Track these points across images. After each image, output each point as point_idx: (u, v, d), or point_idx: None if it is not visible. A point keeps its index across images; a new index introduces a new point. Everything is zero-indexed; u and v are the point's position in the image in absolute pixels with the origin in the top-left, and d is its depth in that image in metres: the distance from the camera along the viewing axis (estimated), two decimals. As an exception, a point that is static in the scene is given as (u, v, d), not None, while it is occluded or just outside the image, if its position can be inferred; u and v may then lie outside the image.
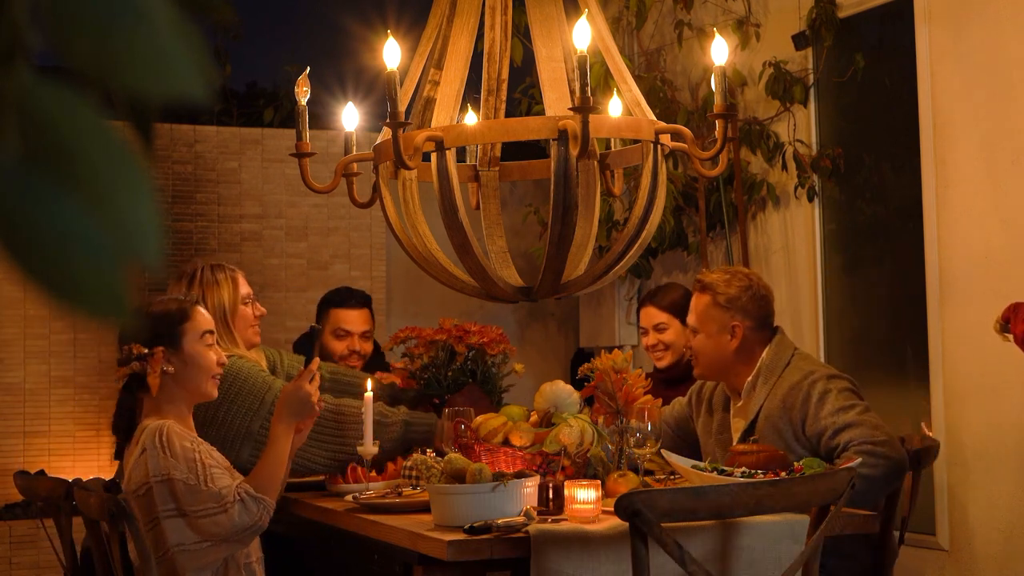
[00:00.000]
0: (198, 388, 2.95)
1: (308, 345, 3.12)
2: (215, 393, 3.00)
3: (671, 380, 4.29)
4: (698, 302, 3.46)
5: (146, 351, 2.87)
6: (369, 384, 3.45)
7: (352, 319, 4.58)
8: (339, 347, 4.53)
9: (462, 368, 3.74)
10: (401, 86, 2.91)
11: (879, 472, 3.08)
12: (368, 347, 4.60)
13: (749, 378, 3.39)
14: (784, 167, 5.25)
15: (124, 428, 2.88)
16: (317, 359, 3.12)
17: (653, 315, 4.35)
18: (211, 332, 2.98)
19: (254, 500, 2.78)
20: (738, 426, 3.41)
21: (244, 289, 3.64)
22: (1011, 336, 3.45)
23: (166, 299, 3.02)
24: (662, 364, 4.32)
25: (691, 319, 3.48)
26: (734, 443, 3.35)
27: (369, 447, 3.36)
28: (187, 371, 2.92)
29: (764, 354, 3.38)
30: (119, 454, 2.98)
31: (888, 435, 3.14)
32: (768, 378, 3.35)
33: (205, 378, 2.95)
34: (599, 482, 2.84)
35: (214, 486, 2.74)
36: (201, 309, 3.00)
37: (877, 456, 3.07)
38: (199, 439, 2.87)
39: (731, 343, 3.39)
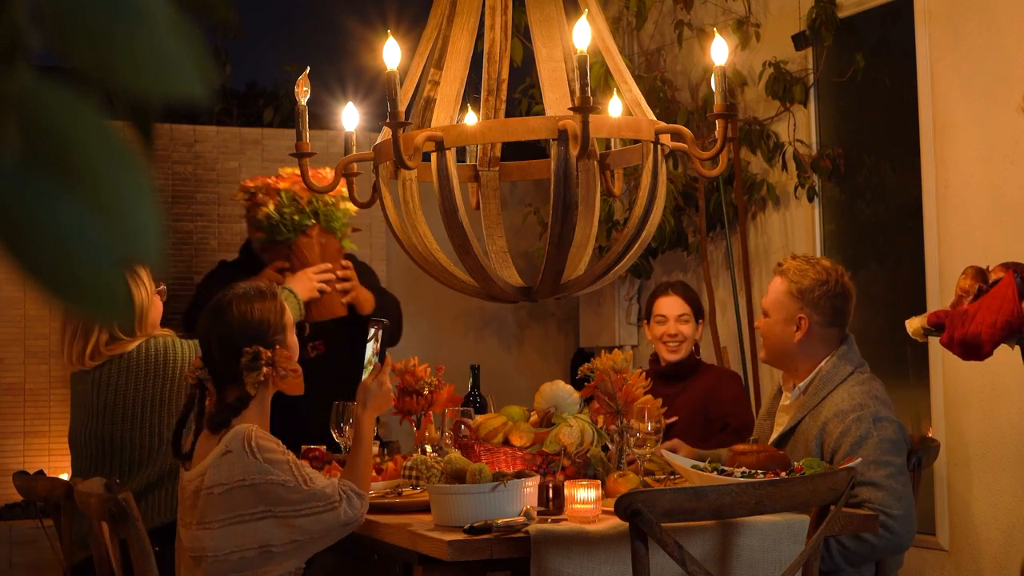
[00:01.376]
0: (295, 388, 2.94)
1: (383, 341, 3.06)
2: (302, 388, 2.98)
3: (671, 377, 4.29)
4: (774, 286, 3.41)
5: (270, 353, 2.82)
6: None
7: None
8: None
9: (303, 210, 4.18)
10: (401, 86, 2.91)
11: (881, 544, 3.08)
12: None
13: (803, 382, 3.34)
14: (784, 167, 5.25)
15: (220, 423, 2.80)
16: (389, 357, 3.06)
17: (677, 304, 4.33)
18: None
19: (357, 496, 2.80)
20: (781, 420, 3.39)
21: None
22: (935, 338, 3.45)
23: (252, 293, 2.91)
24: (675, 357, 4.30)
25: (765, 301, 3.44)
26: (772, 437, 3.34)
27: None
28: (295, 363, 2.91)
29: (824, 363, 3.31)
30: (184, 456, 2.88)
31: (906, 509, 3.09)
32: (819, 390, 3.29)
33: (301, 377, 2.95)
34: (599, 482, 2.84)
35: (315, 486, 2.74)
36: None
37: (887, 529, 3.05)
38: (276, 438, 2.85)
39: (796, 334, 3.34)
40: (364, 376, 3.03)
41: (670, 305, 4.35)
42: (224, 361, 2.84)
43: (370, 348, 3.11)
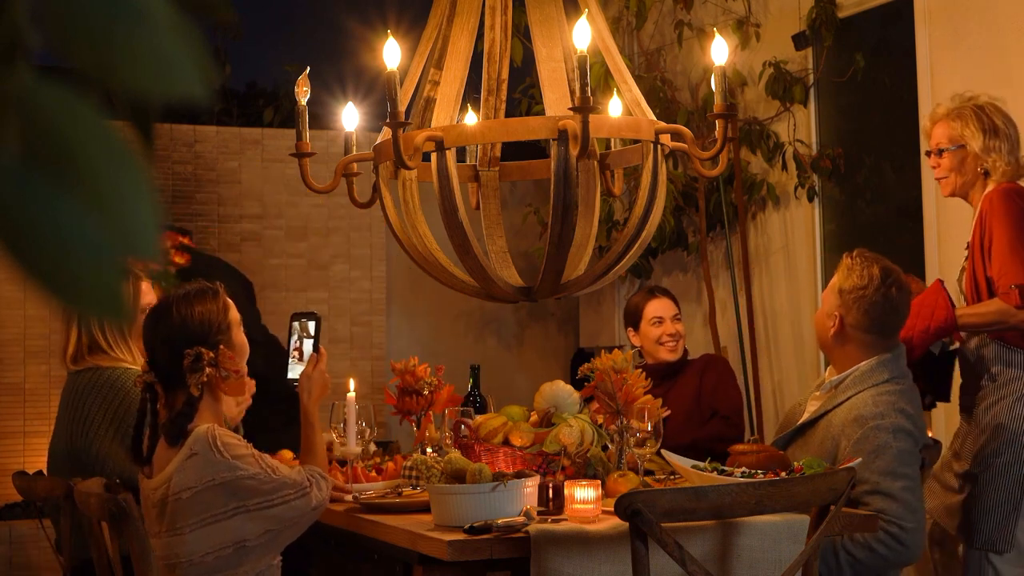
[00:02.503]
0: (239, 391, 2.96)
1: (317, 332, 3.15)
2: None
3: (663, 375, 4.29)
4: (836, 278, 3.40)
5: (212, 353, 2.82)
6: (351, 384, 3.49)
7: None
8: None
9: None
10: (401, 86, 2.91)
11: (892, 557, 3.08)
12: None
13: (838, 376, 3.34)
14: (784, 167, 5.25)
15: (177, 433, 2.79)
16: (323, 348, 3.14)
17: (669, 306, 4.39)
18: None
19: (323, 479, 2.85)
20: (811, 407, 3.39)
21: (147, 298, 3.64)
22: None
23: (192, 290, 2.92)
24: (676, 356, 4.32)
25: (824, 291, 3.46)
26: (799, 422, 3.35)
27: (352, 447, 3.38)
28: (239, 363, 2.92)
29: (864, 364, 3.30)
30: (143, 461, 2.88)
31: (919, 522, 3.10)
32: (849, 388, 3.28)
33: (243, 379, 2.96)
34: (599, 482, 2.84)
35: (283, 474, 2.77)
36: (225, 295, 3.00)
37: (899, 542, 3.06)
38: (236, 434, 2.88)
39: (831, 329, 3.35)
40: (298, 367, 3.11)
41: (664, 307, 4.39)
42: (168, 364, 2.83)
43: (295, 339, 3.17)
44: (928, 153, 3.86)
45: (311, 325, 3.18)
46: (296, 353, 3.19)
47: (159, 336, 2.86)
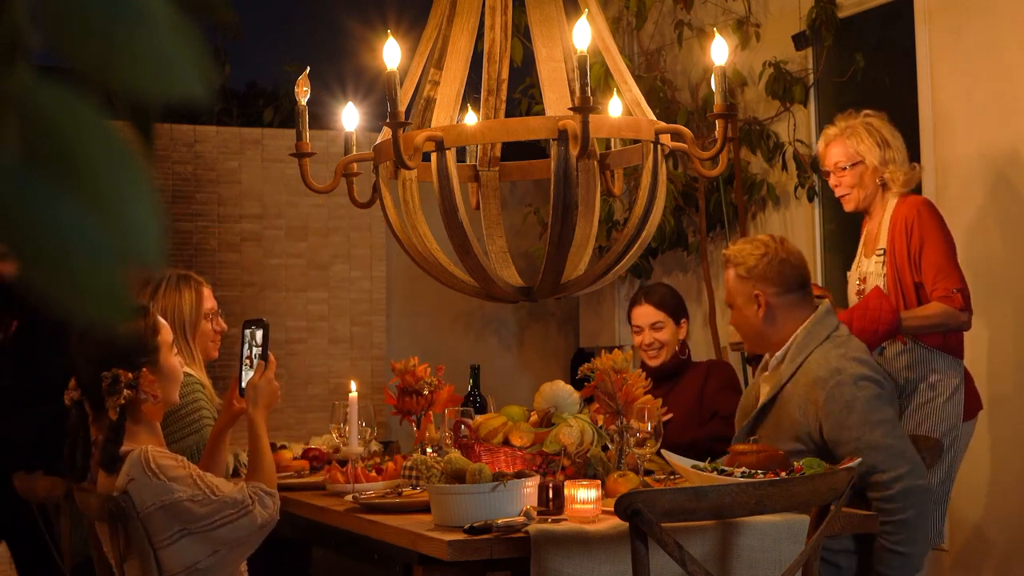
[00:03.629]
0: (170, 398, 2.87)
1: (265, 339, 3.04)
2: (178, 398, 2.93)
3: (659, 378, 4.28)
4: (726, 277, 3.42)
5: (131, 375, 2.74)
6: (354, 385, 3.49)
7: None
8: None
9: None
10: (401, 86, 2.91)
11: (915, 526, 3.08)
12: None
13: (780, 351, 3.33)
14: (784, 167, 5.25)
15: (111, 461, 2.73)
16: (272, 355, 3.04)
17: (650, 313, 4.35)
18: (174, 340, 2.91)
19: (268, 495, 2.77)
20: (764, 391, 3.39)
21: (208, 303, 3.62)
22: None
23: None
24: (655, 363, 4.30)
25: (725, 296, 3.45)
26: (758, 405, 3.35)
27: (354, 447, 3.38)
28: (164, 386, 2.83)
29: (799, 330, 3.30)
30: (79, 476, 2.83)
31: (912, 462, 3.09)
32: (795, 357, 3.28)
33: (176, 387, 2.88)
34: (599, 482, 2.84)
35: (223, 493, 2.70)
36: (159, 316, 2.92)
37: (905, 494, 3.06)
38: (175, 454, 2.81)
39: (758, 312, 3.33)
40: (249, 376, 3.00)
41: (643, 315, 4.36)
42: (91, 384, 2.76)
43: (247, 347, 3.06)
44: (827, 173, 3.99)
45: (259, 333, 3.05)
46: (247, 362, 3.06)
47: (82, 354, 2.79)
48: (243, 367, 3.05)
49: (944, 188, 4.46)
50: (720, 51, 2.97)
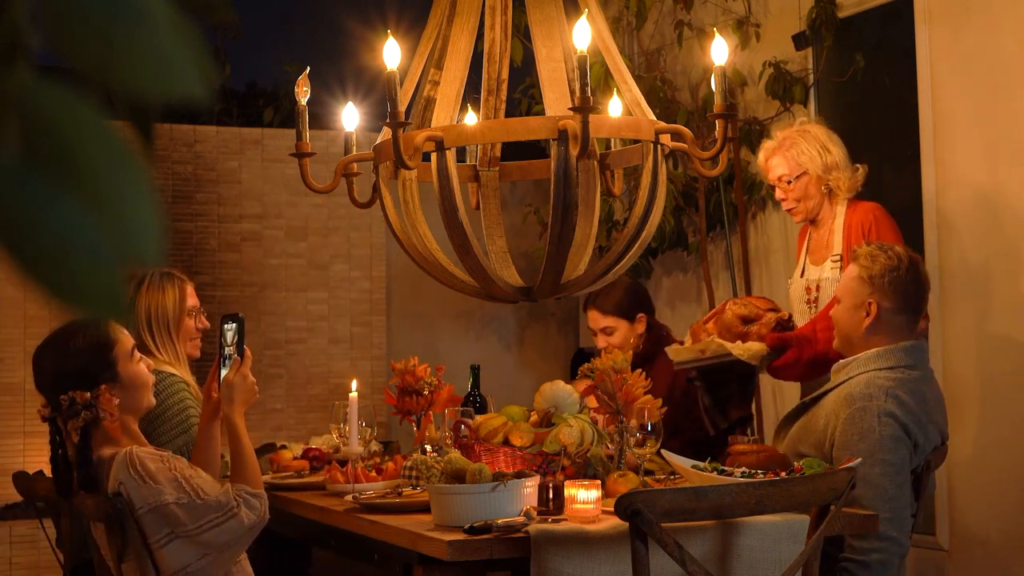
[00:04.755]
0: (140, 404, 2.85)
1: (240, 334, 2.98)
2: (153, 400, 2.90)
3: (643, 358, 4.26)
4: (847, 272, 3.38)
5: (88, 395, 2.72)
6: (354, 384, 3.50)
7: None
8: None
9: None
10: (401, 86, 2.91)
11: (884, 557, 3.06)
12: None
13: (846, 359, 3.32)
14: (784, 167, 5.25)
15: (90, 482, 2.72)
16: (248, 350, 2.99)
17: (598, 319, 4.34)
18: (134, 345, 2.87)
19: (254, 496, 2.75)
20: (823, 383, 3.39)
21: (191, 301, 3.63)
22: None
23: (75, 323, 2.77)
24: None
25: (838, 287, 3.42)
26: (801, 401, 3.34)
27: (354, 447, 3.39)
28: (129, 394, 2.80)
29: (873, 349, 3.26)
30: (67, 491, 2.82)
31: (896, 511, 3.06)
32: (853, 369, 3.26)
33: (146, 392, 2.85)
34: (599, 482, 2.84)
35: (209, 496, 2.68)
36: (116, 324, 2.83)
37: (877, 538, 3.04)
38: (163, 451, 2.80)
39: (864, 320, 3.29)
40: (224, 372, 2.94)
41: (592, 319, 4.37)
42: (54, 405, 2.75)
43: (223, 341, 3.01)
44: (772, 187, 4.02)
45: (233, 327, 2.98)
46: (224, 361, 2.99)
47: (43, 377, 2.78)
48: (221, 362, 2.99)
49: (944, 188, 4.46)
50: (720, 51, 2.97)
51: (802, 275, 4.05)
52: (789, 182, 3.91)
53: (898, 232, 3.85)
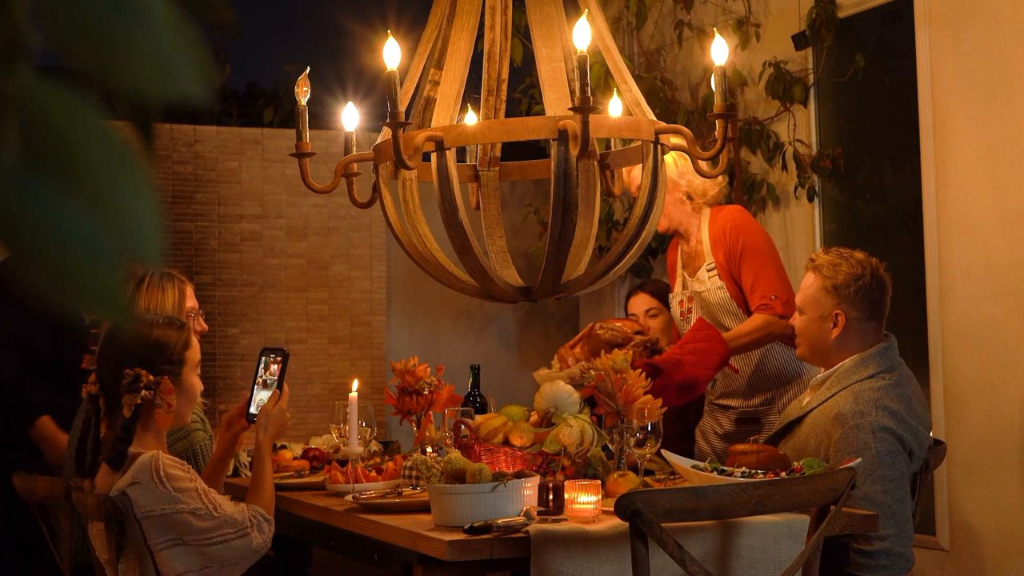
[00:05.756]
0: (183, 416, 2.90)
1: (284, 369, 3.15)
2: (189, 421, 2.98)
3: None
4: (807, 283, 3.36)
5: (153, 378, 2.77)
6: (355, 384, 3.50)
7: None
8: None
9: None
10: (401, 86, 2.91)
11: (888, 573, 3.06)
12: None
13: (823, 373, 3.31)
14: (784, 167, 5.25)
15: (118, 458, 2.74)
16: (287, 386, 3.13)
17: (647, 301, 4.50)
18: (200, 361, 2.96)
19: (267, 522, 2.81)
20: (803, 401, 3.37)
21: (190, 302, 3.64)
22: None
23: (160, 320, 2.88)
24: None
25: (799, 298, 3.40)
26: (787, 421, 3.34)
27: (354, 447, 3.39)
28: (180, 401, 2.86)
29: (850, 359, 3.25)
30: (86, 472, 2.84)
31: (900, 526, 3.05)
32: (835, 384, 3.25)
33: (190, 408, 2.92)
34: (599, 482, 2.84)
35: (225, 512, 2.73)
36: (194, 337, 2.95)
37: (885, 554, 3.04)
38: (183, 462, 2.83)
39: (833, 331, 3.28)
40: (260, 399, 3.10)
41: (638, 303, 4.53)
42: (111, 380, 2.79)
43: (263, 372, 3.16)
44: (634, 198, 4.03)
45: (279, 361, 3.16)
46: (260, 385, 3.16)
47: (110, 350, 2.81)
48: (254, 391, 3.14)
49: (944, 188, 4.46)
50: (720, 51, 2.97)
51: (684, 289, 4.11)
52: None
53: (757, 234, 3.92)
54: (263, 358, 3.19)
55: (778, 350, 3.99)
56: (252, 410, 3.12)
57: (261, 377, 3.16)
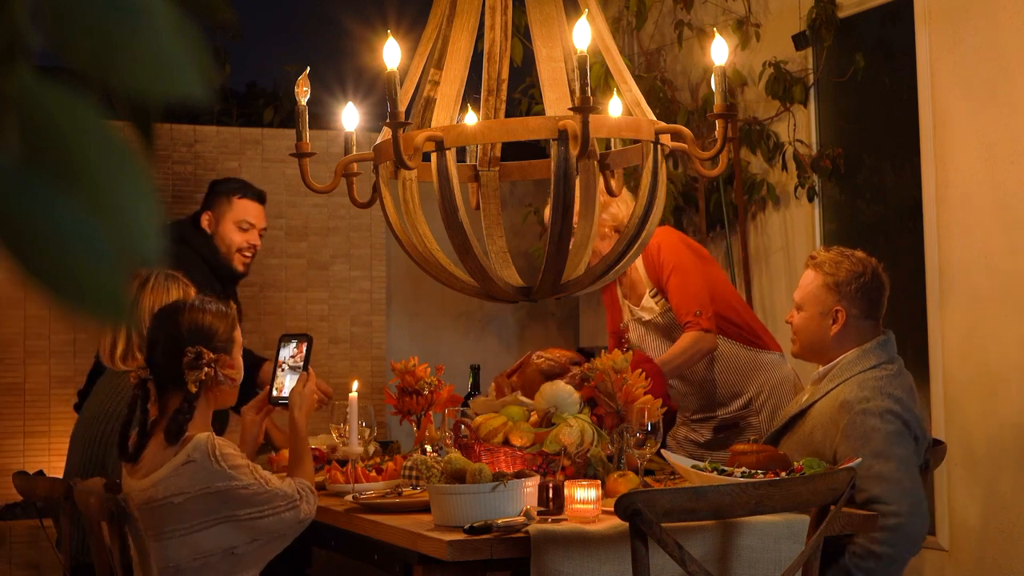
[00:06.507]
0: (228, 400, 3.00)
1: (309, 353, 3.30)
2: (234, 402, 3.07)
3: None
4: (807, 279, 3.39)
5: (214, 355, 2.88)
6: (355, 385, 3.51)
7: (258, 213, 4.73)
8: (239, 239, 4.64)
9: None
10: (401, 86, 2.91)
11: (896, 553, 3.05)
12: (259, 243, 4.76)
13: (825, 367, 3.33)
14: (784, 167, 5.25)
15: (177, 432, 2.83)
16: (311, 369, 3.28)
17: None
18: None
19: (312, 493, 2.91)
20: (802, 398, 3.39)
21: None
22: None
23: (208, 303, 2.98)
24: None
25: (798, 295, 3.42)
26: (787, 417, 3.36)
27: (354, 447, 3.40)
28: (231, 381, 2.97)
29: (851, 351, 3.28)
30: (130, 456, 2.89)
31: (915, 505, 3.05)
32: (835, 377, 3.27)
33: (236, 390, 3.01)
34: (599, 482, 2.84)
35: (275, 486, 2.82)
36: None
37: (897, 533, 3.02)
38: (232, 442, 2.92)
39: (832, 328, 3.31)
40: (286, 383, 3.28)
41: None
42: (167, 361, 2.88)
43: (288, 357, 3.32)
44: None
45: (304, 346, 3.32)
46: (282, 371, 3.31)
47: (164, 332, 2.91)
48: (275, 376, 3.31)
49: (944, 188, 4.46)
50: (720, 51, 2.97)
51: (632, 316, 4.15)
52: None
53: (679, 252, 3.97)
54: (283, 343, 3.33)
55: (753, 354, 4.07)
56: (275, 394, 3.27)
57: (284, 362, 3.30)
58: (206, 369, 2.86)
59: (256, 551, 2.82)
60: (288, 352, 3.32)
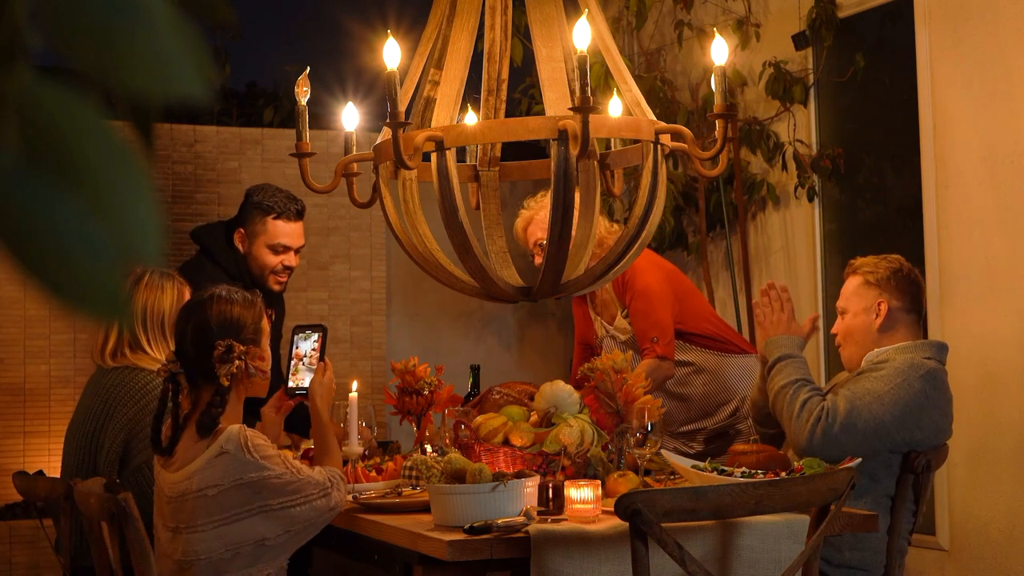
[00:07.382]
0: (259, 391, 3.02)
1: (324, 343, 3.29)
2: (265, 394, 3.09)
3: None
4: (848, 284, 3.46)
5: (244, 348, 2.90)
6: (355, 385, 3.51)
7: (296, 232, 4.41)
8: (273, 261, 4.36)
9: None
10: (401, 86, 2.91)
11: (824, 439, 3.14)
12: (296, 262, 4.49)
13: (872, 352, 3.38)
14: (784, 167, 5.25)
15: (210, 425, 2.85)
16: (327, 359, 3.27)
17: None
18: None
19: (342, 480, 2.94)
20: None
21: None
22: None
23: (236, 296, 2.99)
24: None
25: (840, 302, 3.48)
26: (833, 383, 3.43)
27: (354, 447, 3.40)
28: (262, 373, 3.00)
29: (905, 343, 3.35)
30: (164, 449, 2.91)
31: (846, 428, 3.12)
32: (890, 355, 3.33)
33: (267, 381, 3.03)
34: (599, 482, 2.84)
35: (306, 474, 2.84)
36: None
37: (820, 421, 3.13)
38: (262, 433, 2.94)
39: (876, 321, 3.37)
40: (303, 374, 3.28)
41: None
42: (197, 354, 2.89)
43: (305, 348, 3.32)
44: (531, 253, 4.20)
45: (315, 336, 3.32)
46: (298, 362, 3.31)
47: (193, 325, 2.92)
48: (290, 367, 3.31)
49: (944, 188, 4.46)
50: (720, 51, 2.97)
51: (605, 333, 4.19)
52: (541, 245, 3.98)
53: (653, 273, 4.01)
54: (297, 334, 3.34)
55: (731, 360, 4.12)
56: (291, 384, 3.28)
57: (297, 353, 3.31)
58: (237, 362, 2.87)
59: (286, 542, 2.84)
60: (304, 343, 3.33)
